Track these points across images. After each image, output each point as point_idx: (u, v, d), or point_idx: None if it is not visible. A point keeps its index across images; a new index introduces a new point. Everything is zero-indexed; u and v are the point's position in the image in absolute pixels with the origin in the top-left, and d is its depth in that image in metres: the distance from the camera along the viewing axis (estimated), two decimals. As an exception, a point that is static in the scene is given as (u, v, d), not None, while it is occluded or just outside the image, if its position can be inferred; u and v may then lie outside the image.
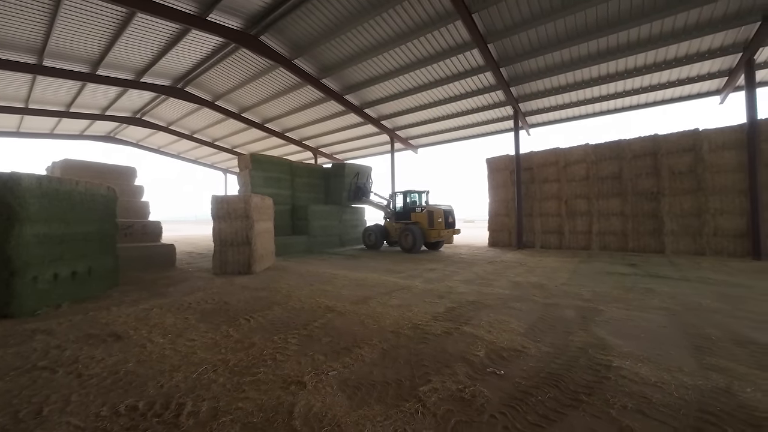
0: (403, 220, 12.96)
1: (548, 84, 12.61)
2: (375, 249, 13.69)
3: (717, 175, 10.10)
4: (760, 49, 9.26)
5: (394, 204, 13.63)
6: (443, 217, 12.18)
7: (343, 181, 14.99)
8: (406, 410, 2.20)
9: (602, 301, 4.94)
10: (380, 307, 4.74)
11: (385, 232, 13.81)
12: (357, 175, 15.26)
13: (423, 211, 12.46)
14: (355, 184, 15.02)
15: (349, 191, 14.96)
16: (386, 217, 14.36)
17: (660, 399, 2.30)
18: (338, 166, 15.19)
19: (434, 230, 12.02)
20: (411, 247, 12.01)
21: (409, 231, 12.07)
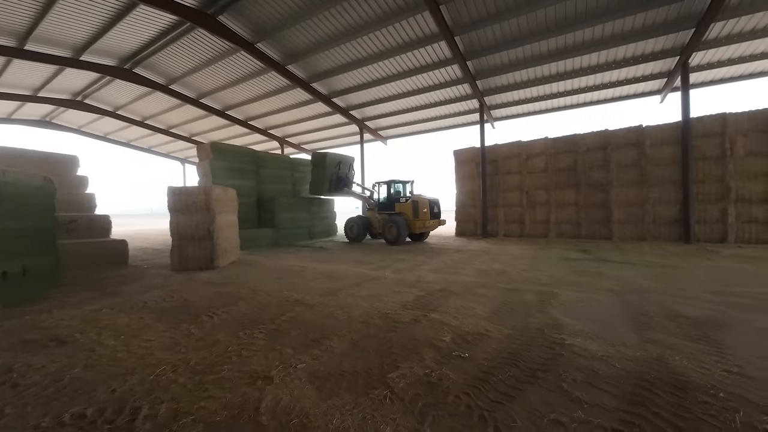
0: (387, 211, 12.55)
1: (511, 79, 13.07)
2: (357, 241, 13.15)
3: (657, 168, 11.13)
4: (693, 54, 10.22)
5: (378, 194, 13.15)
6: (428, 208, 11.92)
7: (325, 171, 14.13)
8: (375, 397, 2.24)
9: (558, 285, 5.32)
10: (350, 299, 4.74)
11: (368, 224, 13.31)
12: (339, 164, 14.44)
13: (408, 201, 12.08)
14: (337, 174, 14.29)
15: (331, 181, 14.21)
16: (369, 208, 13.88)
17: (605, 371, 2.54)
18: (319, 155, 14.46)
19: (419, 221, 11.71)
20: (396, 239, 11.61)
21: (393, 222, 11.67)
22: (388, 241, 11.92)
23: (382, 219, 12.56)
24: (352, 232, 13.34)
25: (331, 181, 14.16)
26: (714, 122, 10.27)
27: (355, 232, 13.25)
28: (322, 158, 14.10)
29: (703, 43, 9.97)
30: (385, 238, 12.08)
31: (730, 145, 10.04)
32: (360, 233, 13.12)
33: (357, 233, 13.18)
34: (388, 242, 11.98)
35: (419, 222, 11.71)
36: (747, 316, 3.67)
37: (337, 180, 14.25)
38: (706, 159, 10.41)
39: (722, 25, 9.34)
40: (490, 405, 2.14)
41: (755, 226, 9.82)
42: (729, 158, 10.06)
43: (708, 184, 10.37)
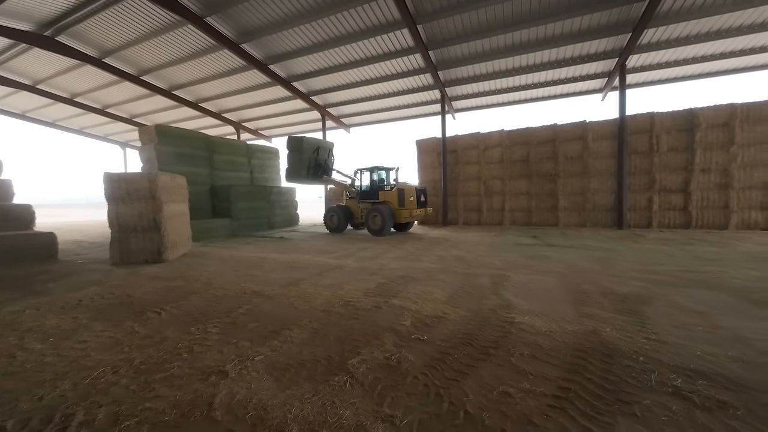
0: (370, 199, 11.77)
1: (471, 71, 13.42)
2: (338, 232, 12.41)
3: (597, 161, 12.21)
4: (630, 56, 11.22)
5: (360, 182, 12.30)
6: (415, 196, 11.18)
7: (302, 156, 13.22)
8: (335, 384, 2.25)
9: (510, 269, 5.68)
10: (311, 288, 4.67)
11: (349, 214, 12.55)
12: (317, 150, 13.57)
13: (393, 189, 11.32)
14: (315, 160, 13.43)
15: (309, 168, 13.27)
16: (350, 196, 13.16)
17: (548, 344, 2.78)
18: (296, 140, 13.42)
19: (405, 210, 10.97)
20: (380, 229, 10.95)
21: (377, 212, 10.94)
22: (372, 232, 11.25)
23: (364, 208, 11.88)
24: (332, 222, 12.52)
25: (309, 167, 13.20)
26: (644, 120, 11.44)
27: (335, 222, 12.44)
28: (299, 143, 13.15)
29: (639, 47, 10.97)
30: (368, 228, 11.33)
31: (656, 141, 11.29)
32: (341, 223, 12.33)
33: (337, 223, 12.38)
34: (371, 232, 11.31)
35: (405, 211, 10.98)
36: (664, 291, 4.21)
37: (315, 166, 13.31)
38: (637, 153, 11.61)
39: (654, 31, 10.32)
40: (446, 383, 2.25)
41: (673, 213, 11.23)
42: (655, 153, 11.33)
43: (638, 176, 11.62)
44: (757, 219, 10.30)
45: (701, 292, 4.12)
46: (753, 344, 2.70)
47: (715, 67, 12.13)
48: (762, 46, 10.73)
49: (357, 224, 12.89)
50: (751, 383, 2.16)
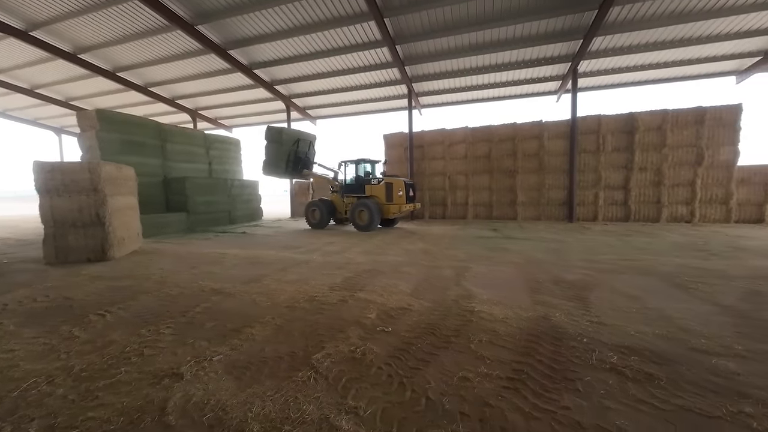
0: (356, 193, 11.30)
1: (437, 68, 13.64)
2: (320, 227, 11.83)
3: (552, 158, 13.05)
4: (581, 61, 12.05)
5: (345, 175, 11.73)
6: (404, 190, 10.69)
7: (281, 149, 12.45)
8: (298, 379, 2.22)
9: (472, 260, 5.93)
10: (275, 284, 4.55)
11: (332, 209, 11.99)
12: (297, 142, 12.84)
13: (380, 182, 10.87)
14: (295, 152, 12.73)
15: (288, 161, 12.52)
16: (333, 190, 12.60)
17: (505, 330, 2.95)
18: (274, 130, 12.63)
19: (394, 205, 10.58)
20: (368, 225, 10.50)
21: (364, 206, 10.50)
22: (359, 227, 10.79)
23: (349, 203, 11.39)
24: (314, 218, 11.89)
25: (289, 160, 12.43)
26: (593, 122, 12.40)
27: (317, 217, 11.82)
28: (278, 133, 12.37)
29: (589, 53, 11.81)
30: (354, 223, 10.88)
31: (603, 142, 12.30)
32: (323, 219, 11.72)
33: (320, 219, 11.76)
34: (358, 228, 10.84)
35: (394, 206, 10.59)
36: (605, 278, 4.64)
37: (295, 159, 12.56)
38: (586, 152, 12.57)
39: (602, 39, 11.15)
40: (409, 372, 2.32)
41: (615, 207, 12.36)
42: (601, 152, 12.34)
43: (587, 173, 12.60)
44: (683, 212, 11.64)
45: (636, 278, 4.59)
46: (675, 322, 3.07)
47: (653, 76, 13.41)
48: (690, 58, 12.03)
49: (341, 220, 12.38)
50: (673, 356, 2.46)
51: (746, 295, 3.80)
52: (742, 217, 11.21)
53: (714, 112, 11.18)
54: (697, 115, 11.32)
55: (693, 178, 11.46)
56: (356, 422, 1.81)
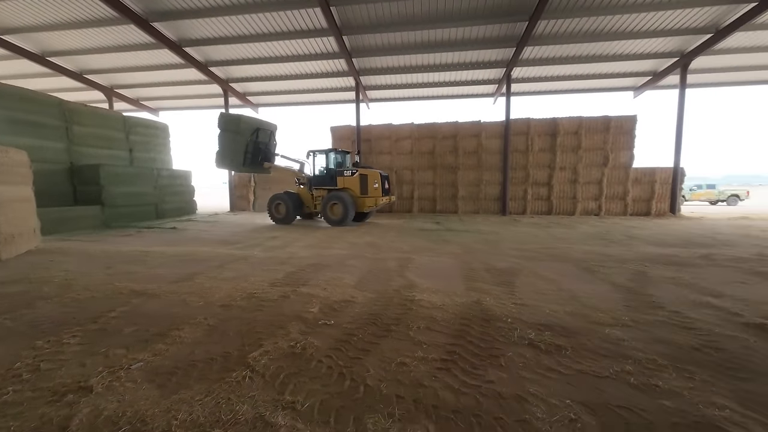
0: (327, 186, 10.58)
1: (385, 63, 13.73)
2: (286, 223, 10.98)
3: (489, 156, 14.08)
4: (514, 68, 13.12)
5: (313, 167, 10.90)
6: (380, 182, 10.22)
7: (237, 139, 11.17)
8: (232, 380, 2.11)
9: (415, 252, 6.17)
10: (209, 282, 4.23)
11: (299, 202, 11.16)
12: (256, 132, 11.59)
13: (354, 174, 10.26)
14: (254, 143, 11.50)
15: (247, 153, 11.24)
16: (300, 183, 11.69)
17: (441, 316, 3.15)
18: (230, 118, 11.32)
19: (369, 198, 10.08)
20: (342, 219, 9.99)
21: (338, 199, 9.93)
22: (331, 222, 10.26)
23: (320, 196, 10.70)
24: (279, 212, 11.02)
25: (247, 152, 11.21)
26: (523, 124, 13.64)
27: (282, 211, 10.96)
28: (234, 122, 11.06)
29: (521, 61, 12.90)
30: (326, 218, 10.32)
31: (531, 143, 13.62)
32: (289, 213, 10.89)
33: (285, 213, 10.90)
34: (330, 223, 10.31)
35: (370, 199, 10.09)
36: (530, 264, 5.19)
37: (254, 151, 11.38)
38: (517, 151, 13.80)
39: (531, 49, 12.26)
40: (349, 362, 2.35)
41: (541, 202, 13.83)
42: (530, 152, 13.66)
43: (518, 171, 13.86)
44: (593, 207, 13.49)
45: (554, 264, 5.22)
46: (581, 300, 3.57)
47: (572, 86, 15.17)
48: (600, 73, 13.86)
49: (308, 214, 11.61)
50: (577, 329, 2.86)
51: (634, 275, 4.57)
52: (635, 211, 13.38)
53: (617, 120, 13.08)
54: (605, 122, 13.14)
55: (600, 177, 13.32)
56: (293, 417, 1.78)
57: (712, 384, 2.07)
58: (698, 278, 4.39)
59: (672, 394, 1.97)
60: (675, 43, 11.77)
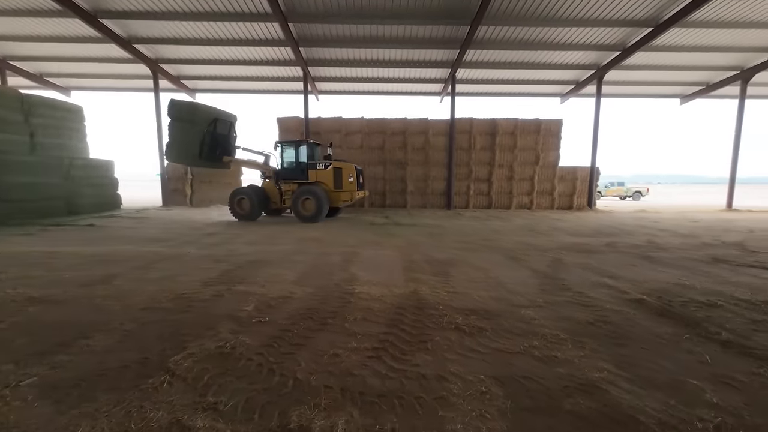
0: (297, 179, 9.94)
1: (334, 54, 13.49)
2: (251, 219, 10.16)
3: (435, 153, 14.66)
4: (459, 69, 13.77)
5: (282, 159, 10.15)
6: (355, 176, 9.88)
7: (193, 129, 9.98)
8: (148, 387, 1.97)
9: (361, 246, 6.25)
10: (130, 284, 3.84)
11: (265, 197, 10.38)
12: (214, 122, 10.41)
13: (328, 167, 9.77)
14: (212, 134, 10.33)
15: (203, 145, 10.08)
16: (266, 176, 10.75)
17: (379, 307, 3.25)
18: (184, 106, 9.93)
19: (345, 192, 9.72)
20: (315, 215, 9.49)
21: (311, 194, 9.42)
22: (303, 218, 9.67)
23: (289, 190, 10.03)
24: (242, 208, 10.14)
25: (204, 144, 10.05)
26: (466, 123, 14.42)
27: (247, 207, 10.10)
28: (189, 111, 9.80)
29: (464, 63, 13.58)
30: (297, 213, 9.75)
31: (473, 141, 14.47)
32: (254, 209, 10.09)
33: (250, 209, 10.07)
34: (302, 219, 9.70)
35: (345, 194, 9.75)
36: (466, 255, 5.57)
37: (212, 143, 10.24)
38: (461, 149, 14.58)
39: (473, 52, 12.96)
40: (281, 358, 2.33)
41: (482, 197, 14.83)
42: (472, 150, 14.52)
43: (461, 167, 14.65)
44: (526, 201, 14.83)
45: (487, 254, 5.67)
46: (505, 286, 3.94)
47: (510, 90, 16.39)
48: (533, 79, 15.17)
49: (275, 209, 10.84)
50: (499, 312, 3.16)
51: (552, 262, 5.16)
52: (561, 205, 15.00)
53: (546, 123, 14.47)
54: (536, 125, 14.46)
55: (532, 174, 14.67)
56: (214, 418, 1.73)
57: (598, 351, 2.45)
58: (601, 263, 5.11)
59: (567, 362, 2.30)
60: (592, 57, 13.33)
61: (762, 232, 8.28)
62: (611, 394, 1.93)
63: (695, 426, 1.69)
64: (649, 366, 2.26)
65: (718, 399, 1.89)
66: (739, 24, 10.98)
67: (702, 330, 2.79)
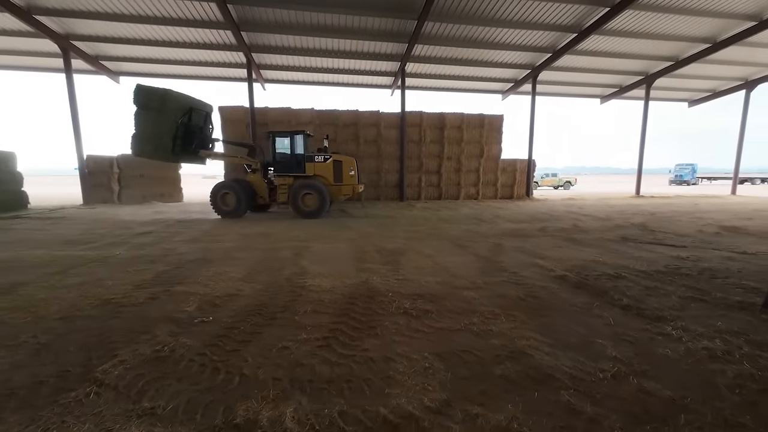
0: (292, 173, 9.38)
1: (280, 41, 12.86)
2: (236, 216, 9.34)
3: (387, 145, 14.83)
4: (408, 63, 14.00)
5: (273, 151, 9.44)
6: (356, 169, 9.62)
7: (164, 120, 8.71)
8: (71, 400, 1.79)
9: (312, 240, 6.17)
10: (43, 293, 3.39)
11: (251, 192, 9.59)
12: (189, 113, 9.18)
13: (328, 160, 9.34)
14: (186, 127, 9.13)
15: (176, 138, 8.95)
16: (252, 169, 9.85)
17: (330, 298, 3.28)
18: (151, 93, 8.54)
19: (346, 186, 9.42)
20: (317, 210, 9.08)
21: (313, 189, 8.99)
22: (303, 213, 9.16)
23: (284, 184, 9.41)
24: (226, 203, 9.33)
25: (177, 137, 8.96)
26: (416, 117, 14.78)
27: (232, 203, 9.29)
28: (159, 98, 8.57)
29: (413, 57, 13.83)
30: (296, 209, 9.21)
31: (424, 134, 14.91)
32: (241, 205, 9.32)
33: (236, 205, 9.28)
34: (302, 215, 9.19)
35: (346, 187, 9.45)
36: (415, 244, 5.80)
37: (185, 136, 9.17)
38: (413, 142, 14.94)
39: (421, 47, 13.26)
40: (226, 355, 2.26)
41: (432, 188, 15.41)
42: (423, 143, 14.96)
43: (413, 160, 15.05)
44: (473, 192, 15.74)
45: (435, 242, 5.96)
46: (450, 271, 4.21)
47: (456, 85, 17.09)
48: (477, 76, 15.99)
49: (260, 206, 10.13)
50: (443, 295, 3.38)
51: (492, 247, 5.60)
52: (503, 195, 16.19)
53: (489, 118, 15.42)
54: (481, 119, 15.33)
55: (478, 167, 15.59)
56: (151, 422, 1.64)
57: (526, 323, 2.76)
58: (534, 246, 5.67)
59: (500, 334, 2.56)
60: (528, 58, 14.44)
61: (661, 215, 9.82)
62: (534, 358, 2.20)
63: (597, 376, 2.01)
64: (565, 331, 2.61)
65: (617, 353, 2.26)
66: (644, 35, 12.69)
67: (609, 298, 3.27)
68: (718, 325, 2.67)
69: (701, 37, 13.04)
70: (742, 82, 17.44)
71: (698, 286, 3.58)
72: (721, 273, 4.06)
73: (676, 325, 2.65)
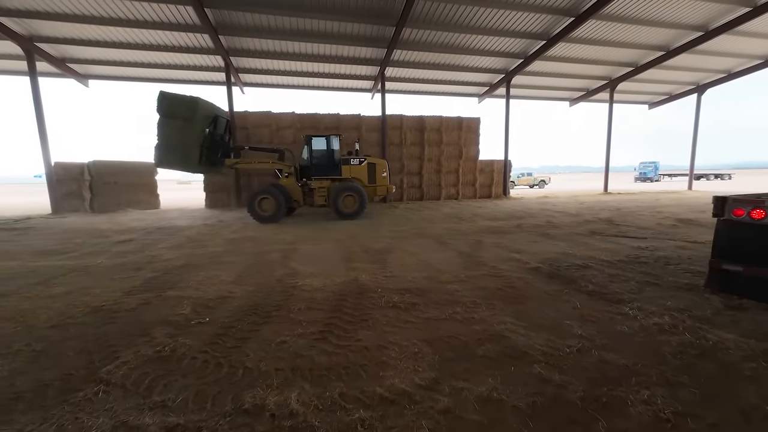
0: (329, 175, 9.49)
1: (259, 45, 12.80)
2: (274, 221, 9.12)
3: (369, 148, 14.99)
4: (387, 67, 14.28)
5: (310, 154, 9.43)
6: (388, 171, 10.01)
7: (192, 129, 8.39)
8: (80, 399, 1.88)
9: (300, 242, 6.27)
10: (27, 303, 3.35)
11: (287, 196, 9.45)
12: (215, 120, 8.90)
13: (362, 163, 9.63)
14: (211, 136, 8.87)
15: (202, 148, 8.72)
16: (286, 174, 9.70)
17: (321, 296, 3.44)
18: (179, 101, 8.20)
19: (380, 186, 9.82)
20: (357, 212, 9.38)
21: (353, 191, 9.24)
22: (344, 215, 9.35)
23: (322, 186, 9.51)
24: (264, 209, 9.09)
25: (203, 146, 8.72)
26: (397, 120, 15.08)
27: (270, 208, 9.08)
28: (189, 107, 8.25)
29: (392, 62, 14.12)
30: (337, 211, 9.34)
31: (404, 137, 15.23)
32: (280, 209, 9.16)
33: (276, 210, 9.09)
34: (342, 216, 9.36)
35: (380, 188, 9.88)
36: (400, 242, 6.02)
37: (211, 146, 9.00)
38: (394, 144, 15.22)
39: (400, 52, 13.58)
40: (227, 352, 2.38)
41: (414, 189, 15.74)
42: (404, 145, 15.27)
43: (394, 162, 15.31)
44: (453, 192, 16.20)
45: (419, 240, 6.21)
46: (434, 266, 4.46)
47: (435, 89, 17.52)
48: (455, 80, 16.50)
49: (291, 209, 10.21)
50: (429, 289, 3.62)
51: (473, 244, 5.91)
52: (482, 194, 16.77)
53: (467, 120, 15.95)
54: (459, 122, 15.83)
55: (457, 168, 16.07)
56: (164, 414, 1.76)
57: (504, 310, 3.03)
58: (511, 242, 6.03)
59: (481, 321, 2.81)
60: (502, 63, 15.08)
61: (626, 210, 10.54)
62: (511, 339, 2.47)
63: (565, 351, 2.29)
64: (538, 315, 2.90)
65: (582, 331, 2.56)
66: (607, 42, 13.59)
67: (577, 285, 3.61)
68: (667, 304, 3.04)
69: (656, 45, 14.11)
70: (694, 86, 18.93)
71: (654, 272, 4.00)
72: (674, 260, 4.53)
73: (632, 306, 3.00)
